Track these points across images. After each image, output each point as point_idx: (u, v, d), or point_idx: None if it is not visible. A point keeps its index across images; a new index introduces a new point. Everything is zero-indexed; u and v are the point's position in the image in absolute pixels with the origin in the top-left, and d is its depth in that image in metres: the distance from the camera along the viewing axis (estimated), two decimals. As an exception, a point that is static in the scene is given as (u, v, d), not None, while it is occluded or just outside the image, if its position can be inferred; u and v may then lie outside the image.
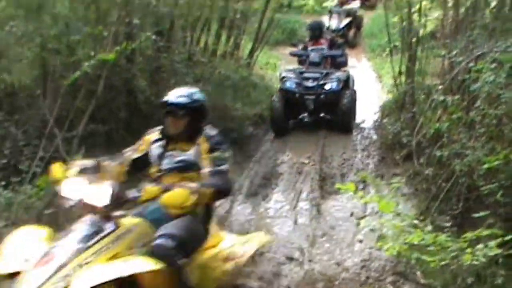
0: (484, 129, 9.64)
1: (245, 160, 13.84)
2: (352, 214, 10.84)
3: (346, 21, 26.31)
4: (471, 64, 8.89)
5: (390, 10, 18.86)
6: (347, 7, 26.72)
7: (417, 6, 14.63)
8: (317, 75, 15.63)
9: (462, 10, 13.30)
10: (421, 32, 14.97)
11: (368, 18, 28.90)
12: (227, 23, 17.54)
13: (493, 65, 8.24)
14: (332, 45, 16.96)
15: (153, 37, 11.59)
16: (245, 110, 15.01)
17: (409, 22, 14.80)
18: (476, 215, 7.58)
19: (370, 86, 20.43)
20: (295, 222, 10.80)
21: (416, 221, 4.10)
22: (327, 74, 15.68)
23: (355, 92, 16.46)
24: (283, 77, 15.82)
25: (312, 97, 15.43)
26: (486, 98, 9.44)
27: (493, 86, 8.24)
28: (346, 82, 16.00)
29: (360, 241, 10.00)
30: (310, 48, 16.65)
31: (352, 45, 26.10)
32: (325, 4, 28.38)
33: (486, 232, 3.87)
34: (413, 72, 14.47)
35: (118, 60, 10.77)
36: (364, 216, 10.65)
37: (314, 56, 16.14)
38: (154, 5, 11.51)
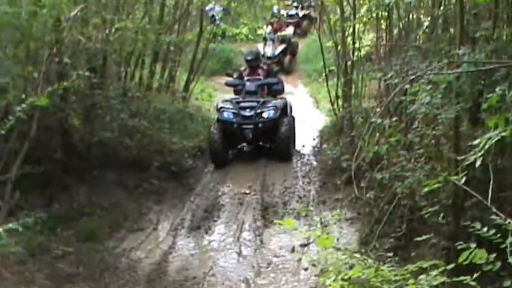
0: (423, 150, 9.68)
1: (185, 194, 13.70)
2: (293, 249, 10.71)
3: (281, 47, 26.49)
4: (407, 86, 8.91)
5: (324, 35, 18.97)
6: (281, 33, 26.81)
7: (351, 30, 14.69)
8: (254, 104, 15.44)
9: (395, 31, 13.41)
10: (355, 55, 15.05)
11: (302, 44, 29.04)
12: (161, 56, 17.42)
13: (429, 87, 8.27)
14: (268, 74, 16.71)
15: (86, 74, 11.41)
16: (183, 143, 14.88)
17: (343, 46, 14.85)
18: (419, 238, 7.55)
19: (308, 111, 20.48)
20: (239, 253, 10.68)
21: (357, 255, 4.02)
22: (264, 103, 15.51)
23: (293, 118, 16.32)
24: (220, 108, 15.59)
25: (250, 126, 15.24)
26: (423, 119, 9.49)
27: (430, 107, 8.26)
28: (284, 109, 15.80)
29: (305, 269, 9.92)
30: (246, 78, 16.37)
31: (288, 71, 26.21)
32: (259, 32, 28.44)
33: (427, 264, 3.82)
34: (349, 96, 14.54)
35: (51, 100, 10.56)
36: (308, 244, 10.56)
37: (250, 85, 15.95)
38: (85, 43, 11.32)
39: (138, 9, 15.94)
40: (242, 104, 15.54)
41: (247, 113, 15.31)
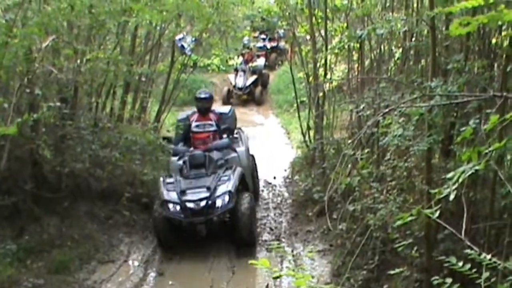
0: (395, 182, 9.72)
1: (157, 225, 13.58)
2: (267, 286, 10.67)
3: (252, 78, 26.64)
4: (379, 118, 8.95)
5: (296, 65, 19.04)
6: (252, 64, 26.87)
7: (322, 61, 14.75)
8: (202, 192, 12.23)
9: (367, 63, 13.50)
10: (327, 86, 15.10)
11: (272, 75, 29.12)
12: (132, 87, 17.37)
13: (401, 119, 8.31)
14: (219, 119, 14.09)
15: (57, 104, 11.35)
16: (154, 175, 14.78)
17: (314, 77, 14.89)
18: (392, 272, 7.56)
19: (279, 142, 20.49)
20: (211, 286, 10.64)
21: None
22: (215, 188, 12.25)
23: (253, 157, 15.06)
24: (164, 201, 12.30)
25: (202, 221, 12.18)
26: (395, 151, 9.54)
27: (402, 139, 8.29)
28: (241, 179, 13.02)
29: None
30: (194, 123, 13.92)
31: (259, 102, 26.44)
32: (230, 62, 28.45)
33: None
34: (321, 127, 14.56)
35: (21, 131, 10.49)
36: (280, 276, 10.52)
37: (197, 156, 12.96)
38: (56, 73, 11.27)
39: (110, 40, 15.89)
40: (189, 194, 12.26)
41: (197, 206, 12.15)
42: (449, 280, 3.79)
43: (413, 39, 10.86)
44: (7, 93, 10.88)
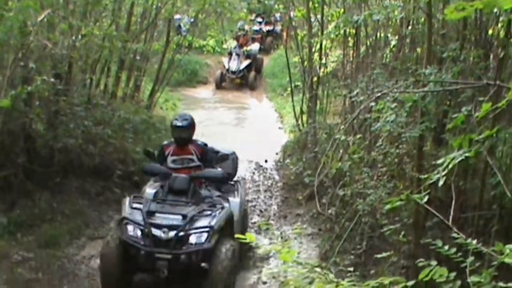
0: (386, 168, 9.77)
1: (147, 204, 13.60)
2: (254, 263, 10.66)
3: (246, 63, 26.40)
4: (372, 104, 8.97)
5: (291, 50, 19.03)
6: (246, 49, 26.72)
7: (318, 46, 14.76)
8: (175, 220, 9.55)
9: (362, 49, 13.50)
10: (321, 71, 15.11)
11: (267, 59, 29.05)
12: (127, 65, 17.35)
13: (394, 105, 8.34)
14: (204, 153, 10.85)
15: (52, 80, 11.33)
16: (147, 152, 14.80)
17: (309, 62, 14.90)
18: (378, 256, 7.59)
19: (272, 126, 20.47)
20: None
21: (318, 269, 4.03)
22: (193, 218, 9.55)
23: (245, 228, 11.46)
24: (123, 220, 9.67)
25: (167, 256, 9.32)
26: (387, 138, 9.57)
27: (394, 126, 8.32)
28: (228, 223, 10.14)
29: (264, 283, 9.94)
30: (170, 157, 10.84)
31: (252, 87, 26.20)
32: (225, 46, 28.35)
33: (388, 280, 3.83)
34: (314, 112, 14.58)
35: (15, 104, 10.48)
36: (268, 258, 10.56)
37: (179, 181, 10.24)
38: (51, 48, 11.24)
39: (106, 16, 15.85)
40: (158, 218, 9.59)
41: (163, 234, 9.41)
42: (434, 263, 3.82)
43: (409, 26, 10.88)
44: (1, 66, 10.85)
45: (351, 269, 7.66)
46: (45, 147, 12.32)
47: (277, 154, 16.97)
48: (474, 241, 4.16)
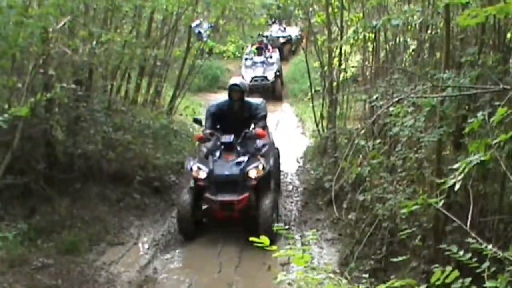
0: (405, 173, 9.72)
1: (167, 209, 13.63)
2: (269, 268, 10.62)
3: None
4: (391, 109, 8.94)
5: (311, 55, 19.01)
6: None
7: (337, 51, 14.74)
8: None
9: (382, 54, 13.46)
10: (341, 76, 15.09)
11: (289, 64, 28.97)
12: (147, 71, 17.42)
13: (411, 109, 8.31)
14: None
15: (72, 86, 11.40)
16: (167, 159, 14.82)
17: (329, 67, 14.88)
18: (395, 260, 7.56)
19: (293, 131, 20.48)
20: (219, 271, 10.67)
21: (332, 275, 4.03)
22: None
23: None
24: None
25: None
26: (406, 142, 9.53)
27: (413, 130, 8.30)
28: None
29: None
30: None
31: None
32: (246, 50, 28.24)
33: (399, 283, 3.83)
34: (334, 117, 14.56)
35: (35, 111, 10.55)
36: (289, 263, 10.52)
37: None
38: (71, 55, 11.30)
39: (126, 23, 15.93)
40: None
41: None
42: (449, 268, 3.80)
43: (428, 31, 10.84)
44: (22, 73, 10.92)
45: (369, 275, 7.63)
46: (65, 154, 12.40)
47: (297, 161, 16.92)
48: (490, 246, 4.13)
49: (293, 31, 30.90)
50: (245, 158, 11.99)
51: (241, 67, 26.53)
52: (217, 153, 12.18)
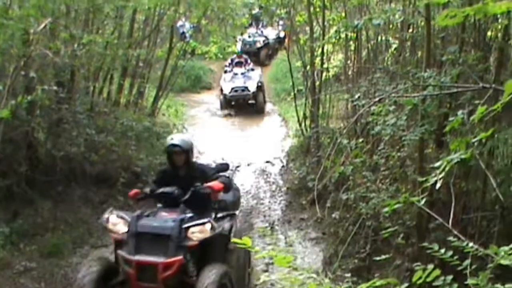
0: (388, 172, 9.76)
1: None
2: (252, 269, 10.60)
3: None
4: (373, 107, 8.97)
5: (294, 55, 19.01)
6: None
7: (320, 51, 14.75)
8: None
9: (364, 53, 13.50)
10: (324, 76, 15.10)
11: (271, 64, 28.89)
12: (130, 72, 17.36)
13: (392, 107, 8.34)
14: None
15: (54, 88, 11.36)
16: (150, 160, 14.77)
17: (311, 67, 14.89)
18: (379, 258, 7.58)
19: (276, 130, 20.47)
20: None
21: (314, 275, 4.03)
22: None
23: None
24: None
25: None
26: (389, 141, 9.57)
27: (395, 129, 8.33)
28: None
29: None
30: None
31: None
32: (228, 50, 28.12)
33: (380, 282, 3.83)
34: (317, 116, 14.57)
35: (16, 113, 10.49)
36: (273, 263, 10.53)
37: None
38: (52, 57, 11.24)
39: (108, 24, 15.88)
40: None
41: None
42: (431, 266, 3.81)
43: (410, 30, 10.88)
44: (3, 75, 10.86)
45: (351, 274, 7.66)
46: (47, 156, 12.33)
47: (281, 161, 16.92)
48: (471, 244, 4.15)
49: (271, 33, 30.29)
50: (189, 214, 8.52)
51: (220, 80, 25.02)
52: (155, 212, 8.82)
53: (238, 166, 16.65)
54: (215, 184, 8.86)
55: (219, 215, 9.14)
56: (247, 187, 15.10)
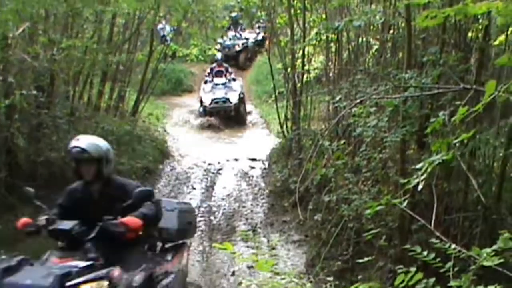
0: (370, 173, 9.74)
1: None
2: (233, 273, 10.57)
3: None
4: (355, 109, 8.96)
5: (274, 57, 18.97)
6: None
7: (301, 52, 14.73)
8: None
9: (345, 55, 13.49)
10: (305, 77, 15.08)
11: (252, 66, 28.88)
12: (110, 76, 17.26)
13: (373, 109, 8.33)
14: None
15: (33, 93, 11.28)
16: (131, 164, 14.70)
17: (292, 69, 14.86)
18: (361, 260, 7.56)
19: (258, 132, 20.44)
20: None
21: (295, 279, 4.01)
22: None
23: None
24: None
25: None
26: (370, 142, 9.55)
27: (377, 130, 8.32)
28: None
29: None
30: None
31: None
32: (209, 53, 28.03)
33: (363, 286, 3.82)
34: (298, 118, 14.55)
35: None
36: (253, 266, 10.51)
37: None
38: (30, 61, 11.17)
39: (87, 28, 15.80)
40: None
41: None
42: (413, 269, 3.80)
43: (391, 31, 10.88)
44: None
45: (334, 277, 7.63)
46: (27, 161, 12.25)
47: (263, 163, 16.92)
48: (454, 245, 4.13)
49: (251, 36, 29.89)
50: (83, 264, 5.96)
51: (200, 90, 23.69)
52: (47, 255, 6.67)
53: (220, 169, 16.62)
54: (131, 220, 6.37)
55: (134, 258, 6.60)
56: (229, 190, 15.06)
